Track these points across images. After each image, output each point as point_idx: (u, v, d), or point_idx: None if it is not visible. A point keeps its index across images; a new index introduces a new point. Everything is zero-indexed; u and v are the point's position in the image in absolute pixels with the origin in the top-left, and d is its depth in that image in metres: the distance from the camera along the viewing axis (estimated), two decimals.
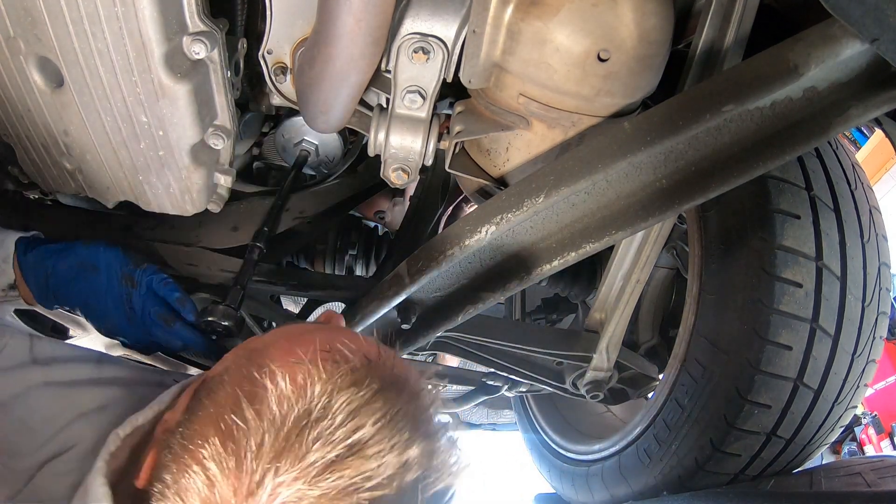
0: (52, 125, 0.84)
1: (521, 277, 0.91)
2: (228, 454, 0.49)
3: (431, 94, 0.90)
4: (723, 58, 0.89)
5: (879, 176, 4.53)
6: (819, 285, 1.08)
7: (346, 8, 0.71)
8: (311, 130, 1.24)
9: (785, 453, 1.18)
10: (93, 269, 0.94)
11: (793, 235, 1.08)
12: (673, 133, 0.75)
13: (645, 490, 1.37)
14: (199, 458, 0.50)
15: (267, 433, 0.49)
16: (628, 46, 0.79)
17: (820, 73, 0.73)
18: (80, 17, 0.70)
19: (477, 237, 0.83)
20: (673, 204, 0.82)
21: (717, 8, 0.87)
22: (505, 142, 0.94)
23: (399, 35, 0.85)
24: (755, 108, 0.75)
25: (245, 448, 0.49)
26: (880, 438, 4.66)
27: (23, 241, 0.96)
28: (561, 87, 0.83)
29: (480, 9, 0.80)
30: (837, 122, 0.76)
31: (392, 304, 0.98)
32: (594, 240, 0.85)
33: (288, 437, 0.49)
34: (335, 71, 0.80)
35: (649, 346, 1.66)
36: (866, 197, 1.19)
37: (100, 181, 0.94)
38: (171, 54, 0.75)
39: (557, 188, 0.79)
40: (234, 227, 1.17)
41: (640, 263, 1.29)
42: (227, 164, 0.98)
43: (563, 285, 1.75)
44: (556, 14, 0.78)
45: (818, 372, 1.11)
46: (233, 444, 0.50)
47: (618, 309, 1.37)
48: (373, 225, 1.77)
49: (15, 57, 0.75)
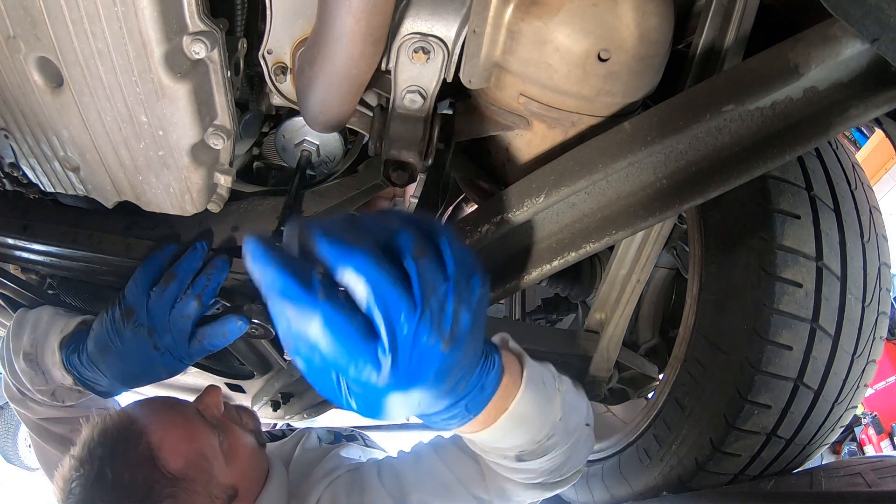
0: (51, 125, 0.84)
1: (521, 277, 0.91)
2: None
3: (431, 94, 0.90)
4: (723, 58, 0.89)
5: (879, 176, 4.53)
6: (819, 285, 1.08)
7: (346, 8, 0.71)
8: (311, 130, 1.24)
9: (785, 453, 1.18)
10: (105, 346, 0.96)
11: (793, 235, 1.08)
12: (673, 133, 0.75)
13: (645, 490, 1.37)
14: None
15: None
16: (629, 46, 0.79)
17: (820, 73, 0.73)
18: (80, 17, 0.70)
19: (476, 237, 0.83)
20: (673, 204, 0.82)
21: (717, 8, 0.87)
22: (505, 142, 0.94)
23: (399, 35, 0.85)
24: (755, 108, 0.75)
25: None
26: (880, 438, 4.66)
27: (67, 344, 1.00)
28: (561, 87, 0.83)
29: (481, 8, 0.80)
30: (837, 122, 0.76)
31: None
32: (594, 240, 0.85)
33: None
34: (335, 71, 0.80)
35: (649, 346, 1.66)
36: (866, 197, 1.19)
37: (100, 181, 0.94)
38: (171, 54, 0.75)
39: (557, 188, 0.79)
40: (234, 227, 1.17)
41: (640, 263, 1.29)
42: (227, 164, 0.98)
43: (563, 285, 1.75)
44: (557, 14, 0.78)
45: (818, 372, 1.11)
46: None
47: (618, 309, 1.37)
48: None
49: (15, 57, 0.75)
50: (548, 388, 0.78)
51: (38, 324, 1.05)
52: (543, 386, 0.77)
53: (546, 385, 0.78)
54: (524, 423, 0.74)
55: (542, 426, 0.78)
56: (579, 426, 0.86)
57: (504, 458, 0.83)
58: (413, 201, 1.36)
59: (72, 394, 1.07)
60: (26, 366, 1.02)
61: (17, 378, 1.06)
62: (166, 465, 0.89)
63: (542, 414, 0.77)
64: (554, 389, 0.80)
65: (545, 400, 0.77)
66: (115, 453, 0.88)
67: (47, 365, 1.00)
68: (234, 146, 0.95)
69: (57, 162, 0.91)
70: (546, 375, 0.80)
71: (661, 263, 1.61)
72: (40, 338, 1.02)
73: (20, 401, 1.10)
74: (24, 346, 1.03)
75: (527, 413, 0.72)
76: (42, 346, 1.01)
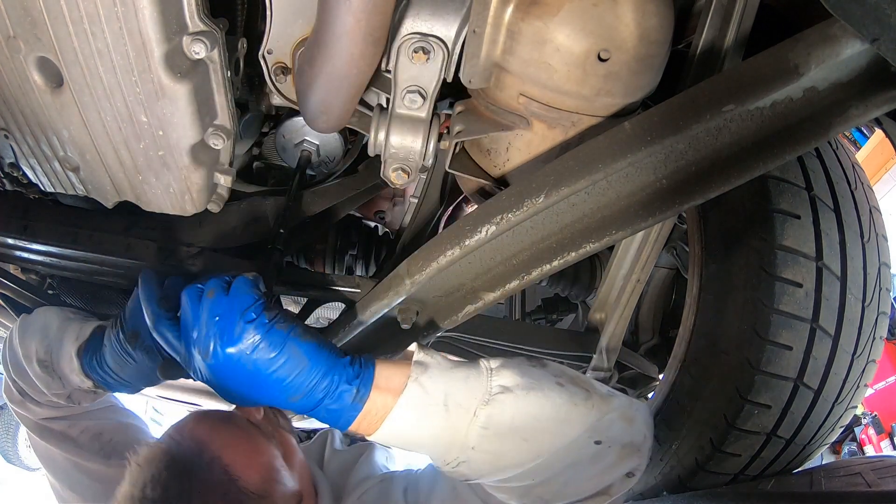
0: (51, 125, 0.84)
1: (520, 277, 0.91)
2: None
3: (431, 93, 0.90)
4: (723, 58, 0.89)
5: (879, 176, 4.53)
6: (819, 285, 1.08)
7: (346, 8, 0.71)
8: (311, 130, 1.24)
9: (785, 453, 1.18)
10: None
11: (793, 235, 1.08)
12: (673, 133, 0.75)
13: (645, 490, 1.37)
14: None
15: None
16: (629, 46, 0.79)
17: (820, 73, 0.73)
18: (80, 17, 0.70)
19: (477, 237, 0.83)
20: (673, 204, 0.82)
21: (717, 8, 0.87)
22: (505, 142, 0.94)
23: (399, 35, 0.85)
24: (755, 108, 0.75)
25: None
26: (880, 438, 4.66)
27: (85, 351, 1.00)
28: (561, 87, 0.83)
29: (480, 8, 0.80)
30: (837, 122, 0.76)
31: (392, 304, 0.98)
32: (594, 240, 0.85)
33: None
34: (335, 71, 0.80)
35: (649, 346, 1.67)
36: (866, 197, 1.19)
37: (99, 181, 0.94)
38: (171, 54, 0.75)
39: (557, 188, 0.79)
40: (234, 227, 1.17)
41: (640, 263, 1.29)
42: (227, 164, 0.98)
43: (563, 285, 1.75)
44: (557, 14, 0.78)
45: (818, 372, 1.11)
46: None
47: (618, 309, 1.37)
48: (373, 225, 1.77)
49: (15, 57, 0.75)
50: (452, 412, 0.77)
51: (48, 329, 1.04)
52: (444, 410, 0.76)
53: (451, 410, 0.77)
54: (409, 442, 0.80)
55: (438, 446, 0.78)
56: (563, 447, 0.79)
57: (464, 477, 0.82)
58: (413, 201, 1.36)
59: (88, 395, 1.07)
60: (42, 371, 1.02)
61: (27, 381, 1.06)
62: (247, 485, 0.86)
63: (437, 437, 0.77)
64: (469, 416, 0.77)
65: (439, 424, 0.77)
66: (194, 485, 0.84)
67: (64, 371, 1.00)
68: (234, 146, 0.95)
69: (57, 162, 0.91)
70: (459, 399, 0.77)
71: (661, 263, 1.61)
72: (54, 344, 1.02)
73: (20, 402, 1.10)
74: (36, 352, 1.03)
75: (406, 432, 0.79)
76: (57, 352, 1.01)
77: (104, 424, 1.17)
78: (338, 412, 0.78)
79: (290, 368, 0.76)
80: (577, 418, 0.79)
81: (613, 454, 0.80)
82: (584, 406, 0.80)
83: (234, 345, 0.75)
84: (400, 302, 0.97)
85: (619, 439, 0.81)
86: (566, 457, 0.79)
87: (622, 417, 0.82)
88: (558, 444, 0.78)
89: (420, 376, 0.78)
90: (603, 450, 0.80)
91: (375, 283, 1.03)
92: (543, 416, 0.78)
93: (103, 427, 1.16)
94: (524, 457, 0.78)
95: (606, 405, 0.81)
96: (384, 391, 0.78)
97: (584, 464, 0.80)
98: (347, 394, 0.77)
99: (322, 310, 1.72)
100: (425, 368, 0.80)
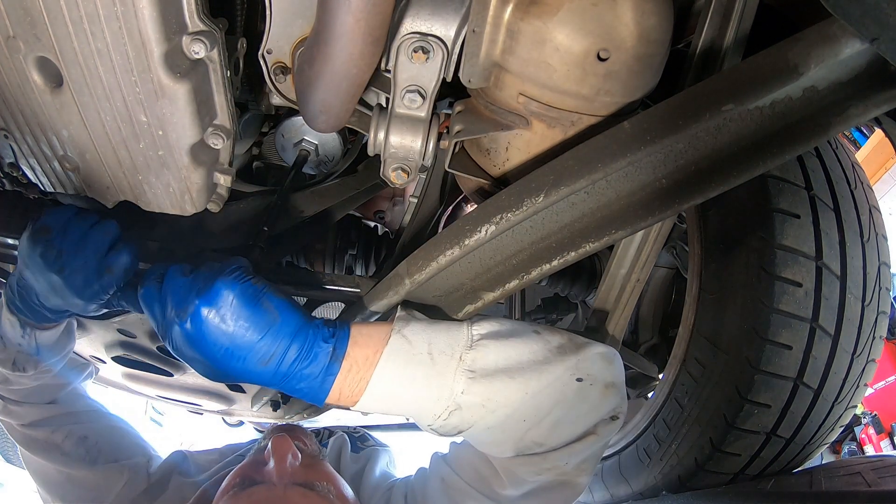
0: (51, 125, 0.84)
1: (520, 277, 0.91)
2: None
3: (431, 93, 0.90)
4: (723, 57, 0.89)
5: (879, 176, 4.53)
6: (819, 285, 1.08)
7: (346, 7, 0.71)
8: (310, 130, 1.25)
9: (785, 453, 1.18)
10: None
11: (793, 235, 1.08)
12: (673, 132, 0.75)
13: (645, 490, 1.37)
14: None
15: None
16: (628, 46, 0.79)
17: (820, 72, 0.73)
18: (80, 17, 0.70)
19: (477, 237, 0.83)
20: (673, 203, 0.82)
21: (717, 7, 0.87)
22: (504, 141, 0.94)
23: (399, 34, 0.85)
24: (755, 108, 0.75)
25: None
26: (880, 438, 4.67)
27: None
28: (561, 87, 0.83)
29: (480, 8, 0.80)
30: (837, 121, 0.76)
31: (392, 304, 0.98)
32: (594, 239, 0.85)
33: None
34: (335, 70, 0.80)
35: (649, 346, 1.67)
36: (866, 197, 1.19)
37: (99, 181, 0.94)
38: (171, 54, 0.75)
39: (557, 188, 0.79)
40: (233, 227, 1.17)
41: (640, 263, 1.29)
42: (226, 164, 0.98)
43: (563, 285, 1.75)
44: (556, 13, 0.78)
45: (818, 371, 1.11)
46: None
47: (618, 309, 1.37)
48: (372, 225, 1.77)
49: (15, 57, 0.75)
50: (437, 360, 0.77)
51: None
52: (429, 359, 0.77)
53: (435, 359, 0.77)
54: (397, 400, 0.79)
55: (427, 398, 0.78)
56: (548, 384, 0.81)
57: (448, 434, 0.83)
58: (412, 201, 1.36)
59: (31, 361, 1.04)
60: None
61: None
62: None
63: (424, 387, 0.77)
64: (455, 361, 0.78)
65: (425, 374, 0.77)
66: None
67: (1, 327, 0.98)
68: (234, 146, 0.95)
69: (57, 162, 0.91)
70: (442, 348, 0.78)
71: (661, 263, 1.61)
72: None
73: (2, 408, 1.10)
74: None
75: (393, 390, 0.78)
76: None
77: (89, 427, 1.18)
78: (314, 378, 0.76)
79: (262, 324, 0.74)
80: (558, 358, 0.82)
81: (597, 392, 0.83)
82: (564, 347, 0.84)
83: (211, 302, 0.75)
84: (400, 301, 0.97)
85: (600, 378, 0.83)
86: (552, 394, 0.80)
87: (601, 357, 0.85)
88: (544, 382, 0.80)
89: (403, 328, 0.79)
90: (586, 387, 0.82)
91: (375, 283, 1.03)
92: (525, 357, 0.81)
93: (88, 430, 1.17)
94: (512, 395, 0.79)
95: (585, 346, 0.85)
96: (364, 347, 0.78)
97: (570, 402, 0.82)
98: (323, 353, 0.76)
99: (322, 310, 1.72)
100: (407, 322, 0.81)
